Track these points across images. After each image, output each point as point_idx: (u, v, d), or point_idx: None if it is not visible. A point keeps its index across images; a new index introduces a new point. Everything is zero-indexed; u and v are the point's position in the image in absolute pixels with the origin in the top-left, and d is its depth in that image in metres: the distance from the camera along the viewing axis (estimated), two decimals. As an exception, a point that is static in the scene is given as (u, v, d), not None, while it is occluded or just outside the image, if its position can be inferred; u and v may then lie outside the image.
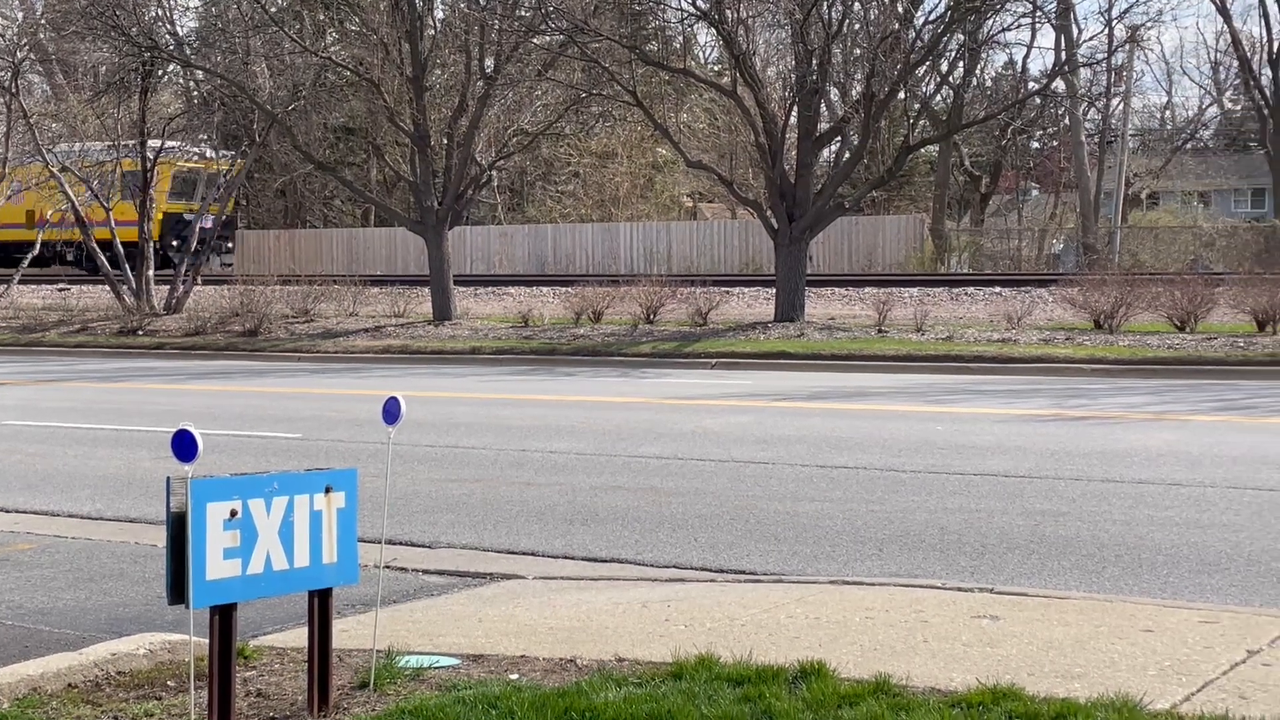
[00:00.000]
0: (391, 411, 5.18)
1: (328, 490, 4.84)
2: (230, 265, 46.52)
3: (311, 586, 4.84)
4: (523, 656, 5.69)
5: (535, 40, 29.49)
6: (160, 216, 43.89)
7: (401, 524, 9.11)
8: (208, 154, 40.75)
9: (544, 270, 42.69)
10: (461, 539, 8.86)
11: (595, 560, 8.23)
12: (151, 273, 32.73)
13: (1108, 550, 7.96)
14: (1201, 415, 14.45)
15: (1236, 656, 5.42)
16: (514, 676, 5.36)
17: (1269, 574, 7.34)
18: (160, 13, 33.00)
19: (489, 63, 29.39)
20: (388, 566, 7.26)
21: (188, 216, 43.93)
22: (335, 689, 4.98)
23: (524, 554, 8.43)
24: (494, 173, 34.09)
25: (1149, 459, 11.18)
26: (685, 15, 30.40)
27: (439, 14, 32.68)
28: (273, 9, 34.22)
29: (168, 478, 4.47)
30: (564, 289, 31.58)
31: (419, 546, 8.63)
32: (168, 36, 33.47)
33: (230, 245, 47.56)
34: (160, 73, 37.39)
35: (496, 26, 28.36)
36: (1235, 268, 32.24)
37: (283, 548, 4.68)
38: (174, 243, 43.68)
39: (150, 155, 33.10)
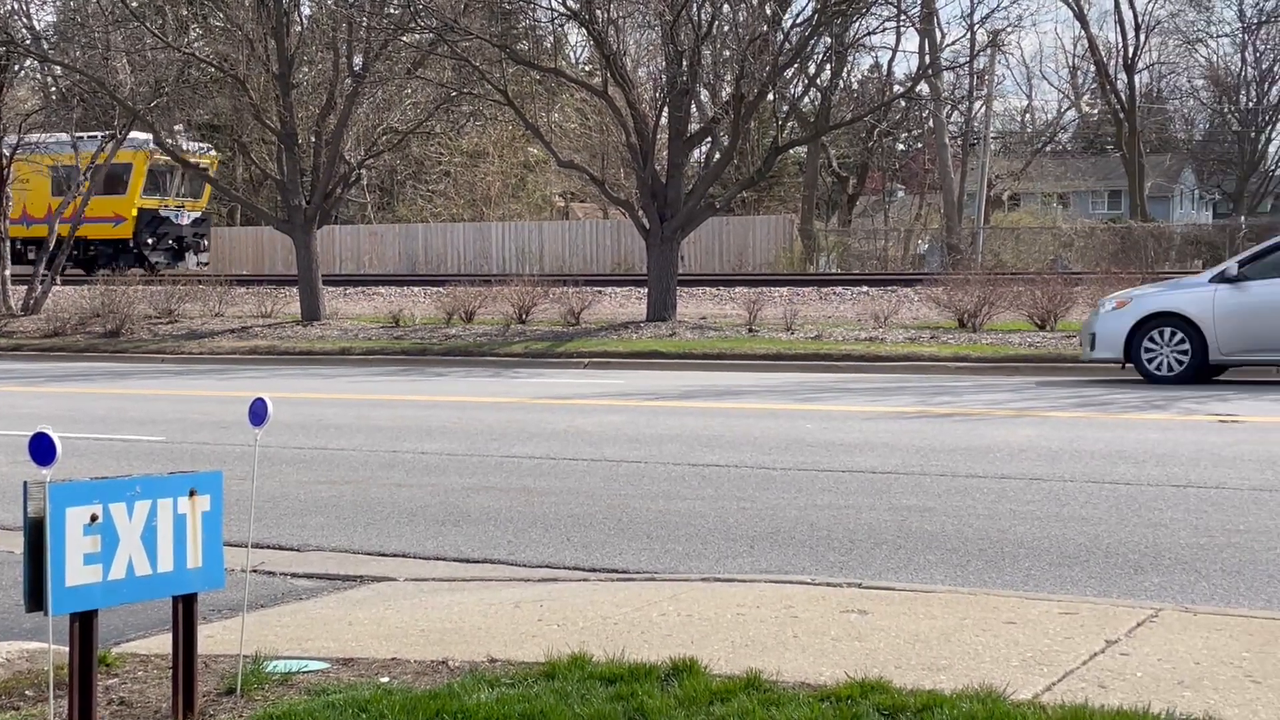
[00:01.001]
0: (258, 413, 5.10)
1: (192, 494, 4.74)
2: (206, 264, 43.78)
3: (176, 592, 4.75)
4: (394, 659, 5.64)
5: (405, 38, 29.26)
6: (135, 213, 41.84)
7: (269, 527, 8.98)
8: (184, 146, 39.23)
9: (415, 270, 42.36)
10: (331, 542, 8.75)
11: (468, 561, 8.19)
12: (8, 273, 31.81)
13: (972, 544, 8.13)
14: (1061, 412, 14.81)
15: (1096, 647, 5.57)
16: (385, 679, 5.31)
17: (1126, 566, 7.55)
18: (16, 6, 32.10)
19: (358, 60, 29.09)
20: (255, 570, 7.14)
21: (164, 213, 42.34)
22: (201, 695, 4.88)
23: (395, 556, 8.36)
24: (363, 171, 33.73)
25: (1011, 454, 11.43)
26: (556, 15, 30.42)
27: (306, 10, 32.28)
28: (134, 3, 33.50)
29: (24, 482, 4.35)
30: (435, 289, 31.38)
31: (288, 550, 8.51)
32: (24, 31, 32.57)
33: (206, 243, 45.14)
34: (16, 68, 36.31)
35: (365, 24, 28.08)
36: (1093, 267, 33.14)
37: (146, 553, 4.58)
38: (149, 240, 41.72)
39: (6, 152, 32.14)
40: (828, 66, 34.01)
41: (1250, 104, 75.62)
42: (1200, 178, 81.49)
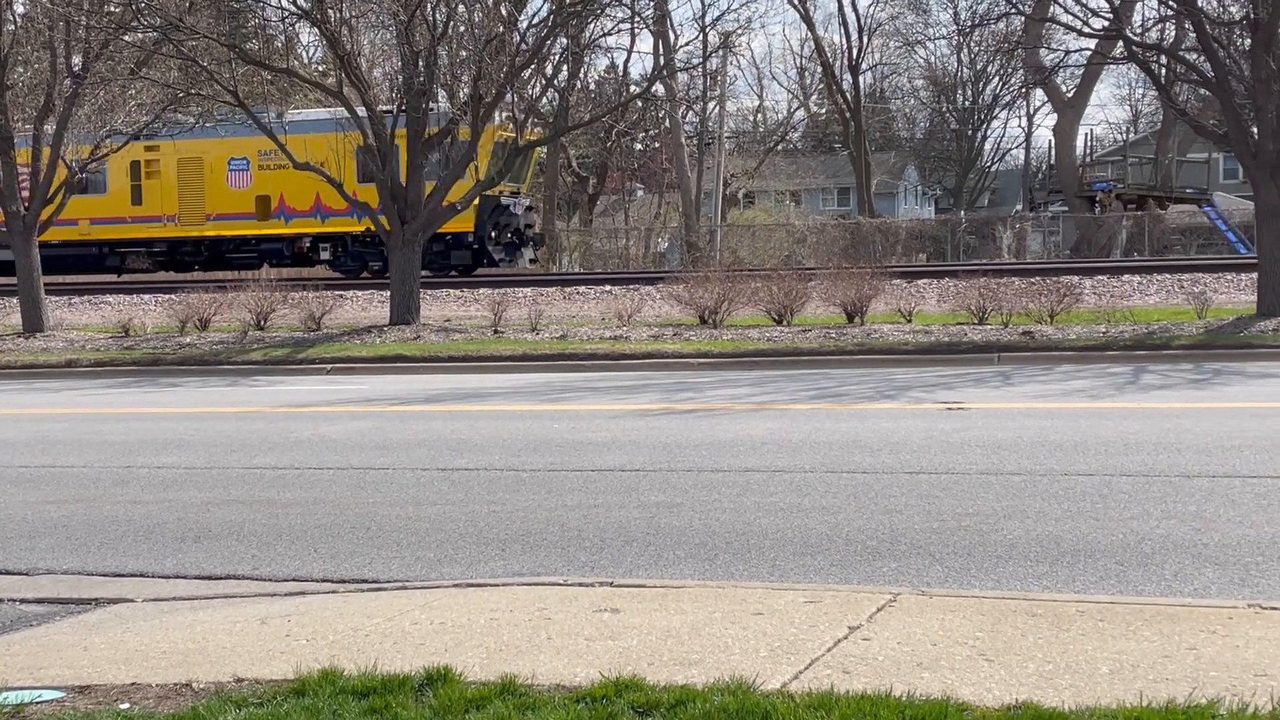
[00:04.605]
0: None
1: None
2: (536, 261, 38.36)
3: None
4: (134, 684, 5.43)
5: (127, 37, 28.16)
6: (478, 201, 34.70)
7: (-6, 552, 8.53)
8: (524, 121, 34.42)
9: (150, 278, 40.93)
10: (63, 564, 8.37)
11: (210, 578, 7.95)
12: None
13: (719, 538, 8.29)
14: (800, 404, 15.23)
15: (839, 633, 5.75)
16: (124, 706, 5.11)
17: (865, 552, 7.81)
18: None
19: (77, 60, 27.86)
20: (-20, 599, 6.78)
21: (505, 200, 36.31)
22: (-76, 736, 4.61)
23: (133, 576, 8.05)
24: (85, 175, 32.30)
25: (754, 448, 11.70)
26: (286, 14, 29.71)
27: (19, 8, 30.75)
28: None
29: None
30: (167, 296, 30.34)
31: (15, 574, 8.12)
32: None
33: (541, 235, 39.70)
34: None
35: (84, 23, 26.91)
36: (825, 262, 34.13)
37: None
38: (492, 233, 35.86)
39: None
40: (565, 67, 34.20)
41: (967, 103, 79.33)
42: (923, 174, 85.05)
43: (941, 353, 20.65)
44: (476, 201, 34.51)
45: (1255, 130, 22.33)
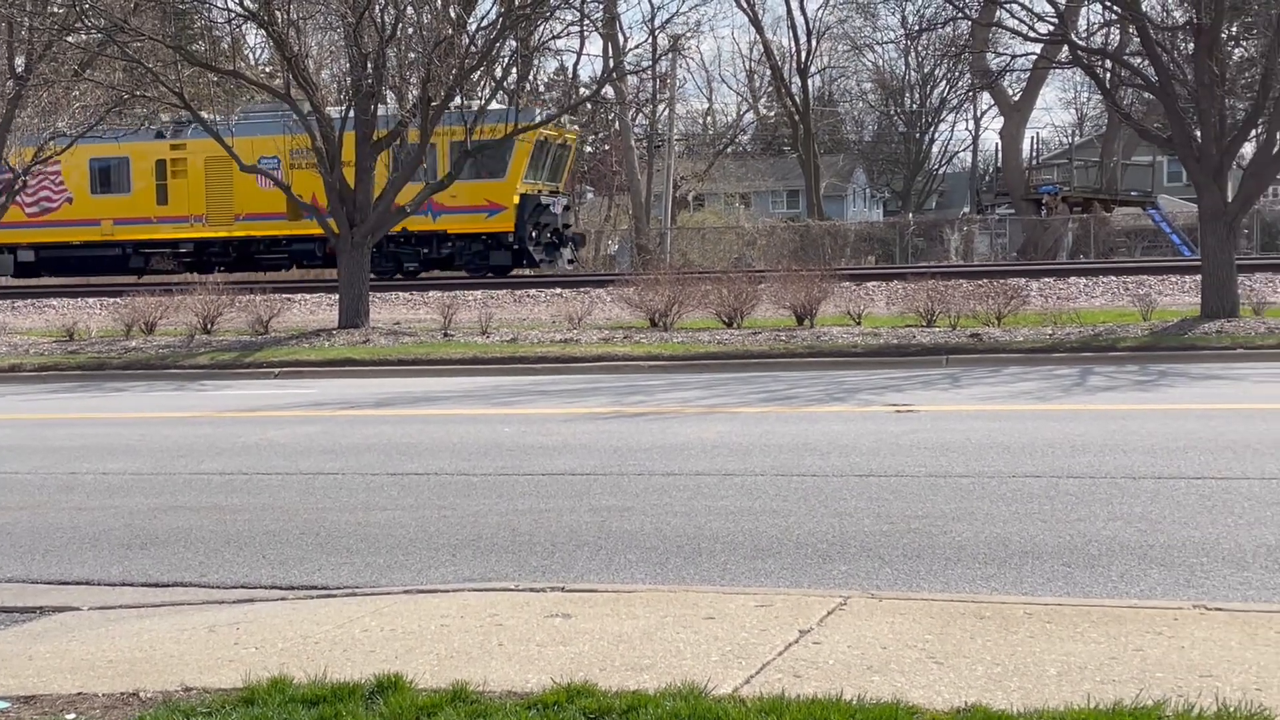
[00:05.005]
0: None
1: None
2: (574, 262, 37.22)
3: None
4: (80, 694, 5.38)
5: (70, 39, 27.87)
6: (516, 200, 34.82)
7: (-63, 561, 8.42)
8: (564, 122, 32.50)
9: (91, 281, 40.51)
10: (6, 572, 8.27)
11: (157, 585, 7.88)
12: None
13: (670, 541, 8.29)
14: (750, 407, 15.27)
15: (790, 637, 5.76)
16: (71, 716, 5.06)
17: (815, 555, 7.84)
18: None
19: (19, 61, 27.55)
20: (-78, 609, 6.69)
21: (545, 200, 35.50)
22: None
23: (78, 584, 7.97)
24: (25, 179, 31.91)
25: (704, 451, 11.72)
26: (233, 15, 29.48)
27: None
28: None
29: None
30: (112, 300, 30.03)
31: (-42, 584, 8.00)
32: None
33: (581, 235, 38.78)
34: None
35: (27, 24, 26.62)
36: (775, 265, 34.24)
37: None
38: (533, 233, 34.91)
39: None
40: (514, 70, 34.14)
41: (914, 106, 79.83)
42: (871, 177, 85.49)
43: (890, 355, 20.76)
44: (516, 201, 34.27)
45: (1198, 134, 22.59)
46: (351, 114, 25.94)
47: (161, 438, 14.21)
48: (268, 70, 42.25)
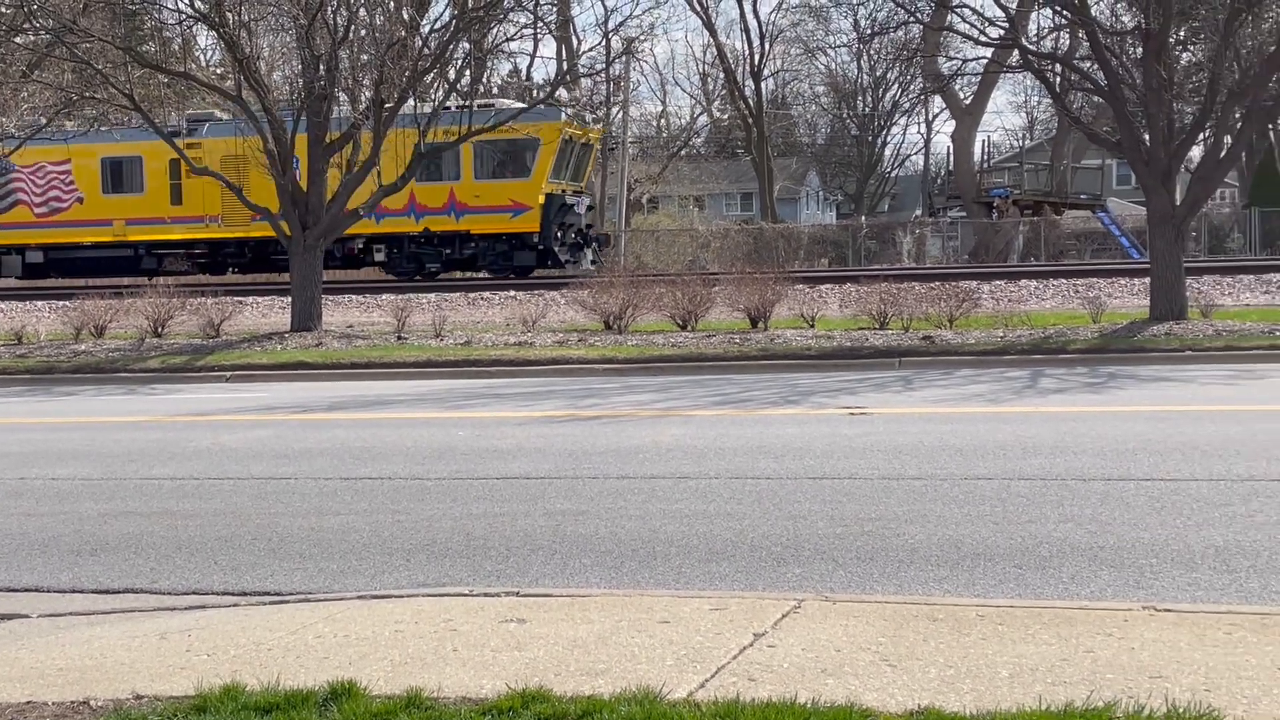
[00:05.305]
0: None
1: None
2: (597, 263, 36.39)
3: None
4: (29, 703, 5.32)
5: (19, 39, 27.57)
6: (542, 200, 34.04)
7: (-118, 569, 8.31)
8: (586, 119, 31.23)
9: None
10: (-46, 580, 8.17)
11: (108, 592, 7.81)
12: None
13: (625, 545, 8.30)
14: (704, 410, 15.29)
15: (745, 641, 5.78)
16: (21, 727, 5.00)
17: (770, 558, 7.87)
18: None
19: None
20: None
21: (569, 200, 34.95)
22: None
23: (27, 591, 7.88)
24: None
25: (659, 454, 11.73)
26: (183, 17, 29.25)
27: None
28: None
29: None
30: (62, 303, 29.72)
31: (-96, 592, 7.91)
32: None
33: (606, 235, 38.09)
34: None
35: (-27, 24, 26.35)
36: (729, 267, 34.30)
37: None
38: (558, 234, 34.23)
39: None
40: (467, 72, 34.04)
41: (867, 110, 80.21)
42: (824, 180, 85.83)
43: (844, 358, 20.85)
44: (541, 200, 33.88)
45: (1147, 138, 22.82)
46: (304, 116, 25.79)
47: (111, 442, 14.08)
48: (219, 72, 41.97)
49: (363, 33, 26.89)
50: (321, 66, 25.18)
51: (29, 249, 37.36)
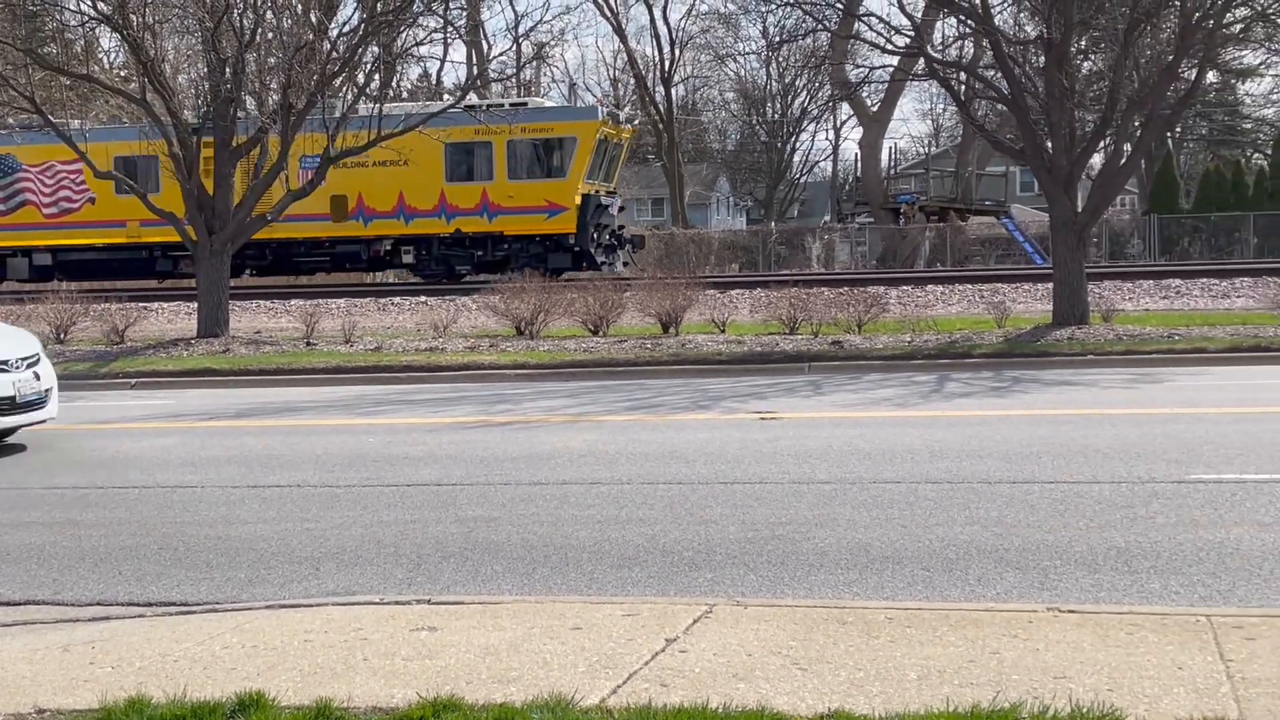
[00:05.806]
0: None
1: None
2: (629, 264, 35.43)
3: None
4: (-72, 720, 5.21)
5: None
6: (578, 201, 32.87)
7: None
8: (620, 117, 30.25)
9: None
10: None
11: (9, 604, 7.66)
12: None
13: (537, 551, 8.29)
14: (616, 415, 15.32)
15: (657, 646, 5.80)
16: (-81, 744, 4.90)
17: (682, 563, 7.90)
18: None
19: None
20: None
21: (604, 200, 33.97)
22: None
23: (-76, 605, 7.71)
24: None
25: (571, 460, 11.73)
26: (86, 19, 28.76)
27: None
28: None
29: None
30: (-41, 309, 29.11)
31: None
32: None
33: (640, 237, 37.19)
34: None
35: None
36: (640, 273, 34.37)
37: None
38: (593, 235, 33.27)
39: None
40: (377, 76, 33.80)
41: (776, 116, 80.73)
42: (734, 185, 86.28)
43: (754, 363, 20.97)
44: (578, 201, 33.31)
45: (1050, 145, 23.21)
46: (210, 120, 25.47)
47: (10, 452, 13.81)
48: (123, 74, 41.34)
49: (270, 36, 26.61)
50: (228, 70, 24.88)
51: (36, 250, 36.32)
